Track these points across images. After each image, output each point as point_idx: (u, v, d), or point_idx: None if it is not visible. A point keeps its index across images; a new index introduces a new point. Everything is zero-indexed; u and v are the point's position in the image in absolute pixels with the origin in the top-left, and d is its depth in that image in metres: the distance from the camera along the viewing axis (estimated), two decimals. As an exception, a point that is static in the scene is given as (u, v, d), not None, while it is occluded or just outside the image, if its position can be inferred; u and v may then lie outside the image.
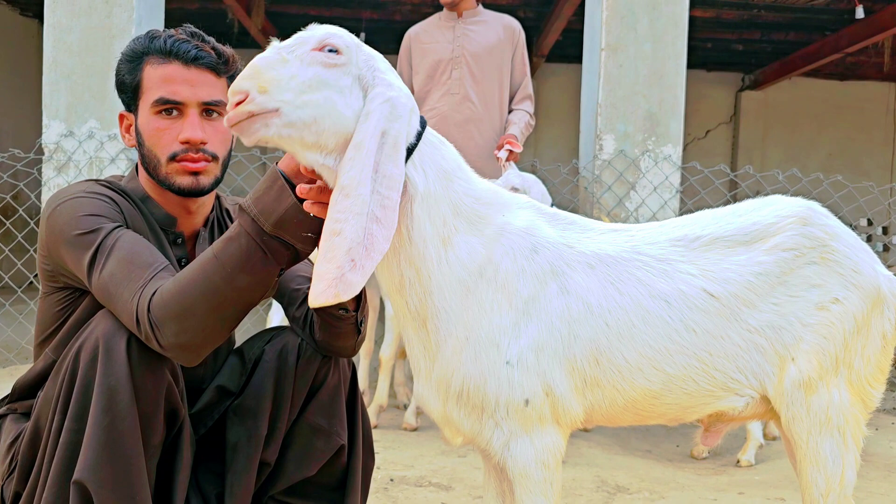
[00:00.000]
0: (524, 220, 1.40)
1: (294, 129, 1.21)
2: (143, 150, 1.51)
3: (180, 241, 1.56)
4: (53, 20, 4.03)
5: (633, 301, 1.41)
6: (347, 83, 1.23)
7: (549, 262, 1.38)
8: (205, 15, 7.51)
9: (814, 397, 1.44)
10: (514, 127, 3.57)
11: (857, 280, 1.46)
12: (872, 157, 9.21)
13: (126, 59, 1.51)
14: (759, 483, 2.79)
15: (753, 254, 1.46)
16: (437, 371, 1.38)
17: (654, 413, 1.48)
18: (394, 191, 1.20)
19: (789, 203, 1.52)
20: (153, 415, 1.34)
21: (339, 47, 1.23)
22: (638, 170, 4.04)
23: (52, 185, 4.03)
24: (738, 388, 1.46)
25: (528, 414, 1.35)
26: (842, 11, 6.71)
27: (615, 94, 4.05)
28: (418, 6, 7.15)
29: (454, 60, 3.57)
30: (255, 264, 1.28)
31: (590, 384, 1.40)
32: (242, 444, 1.53)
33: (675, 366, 1.42)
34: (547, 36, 7.24)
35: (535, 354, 1.35)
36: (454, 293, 1.33)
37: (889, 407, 3.97)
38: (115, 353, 1.30)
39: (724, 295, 1.44)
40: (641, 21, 4.06)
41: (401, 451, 2.95)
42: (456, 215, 1.33)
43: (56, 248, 1.42)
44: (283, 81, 1.20)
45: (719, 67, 9.07)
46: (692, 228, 1.49)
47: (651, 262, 1.44)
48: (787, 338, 1.44)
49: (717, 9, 6.93)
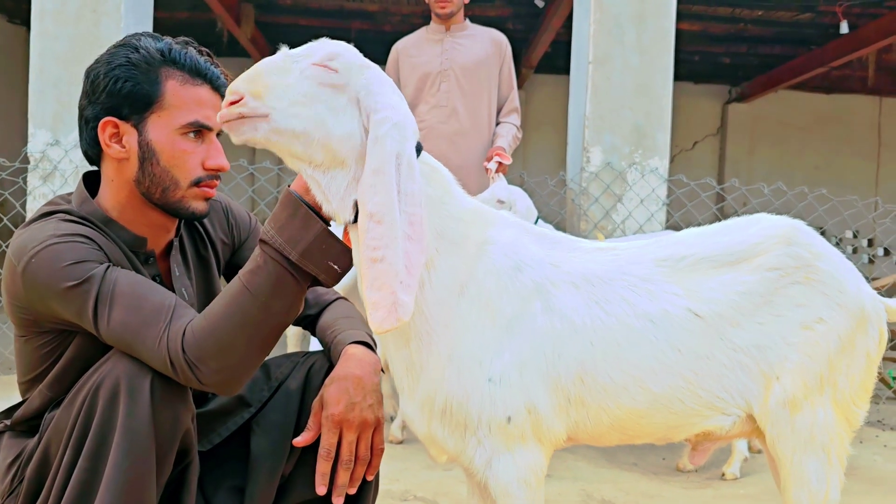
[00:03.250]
0: (508, 238, 1.40)
1: (282, 137, 1.23)
2: (154, 169, 1.41)
3: (151, 261, 1.50)
4: (40, 28, 4.02)
5: (618, 321, 1.40)
6: (342, 103, 1.25)
7: (534, 281, 1.38)
8: (194, 24, 7.50)
9: (798, 416, 1.43)
10: (501, 139, 3.59)
11: (841, 300, 1.46)
12: (858, 169, 9.29)
13: (142, 67, 1.39)
14: (744, 496, 2.80)
15: (738, 273, 1.45)
16: (421, 390, 1.37)
17: (640, 432, 1.47)
18: (417, 206, 1.23)
19: (774, 222, 1.52)
20: (167, 456, 1.32)
21: (338, 67, 1.24)
22: (625, 182, 4.06)
23: (38, 195, 4.01)
24: (724, 407, 1.45)
25: (510, 431, 1.35)
26: (827, 26, 6.78)
27: (602, 106, 4.07)
28: (408, 17, 7.18)
29: (443, 73, 3.59)
30: (288, 287, 1.27)
31: (574, 403, 1.40)
32: (266, 455, 1.53)
33: (660, 385, 1.42)
34: (535, 48, 7.28)
35: (517, 372, 1.34)
36: (437, 313, 1.34)
37: (874, 420, 4.00)
38: (139, 395, 1.27)
39: (710, 314, 1.43)
40: (629, 34, 4.09)
41: (386, 464, 2.94)
42: (440, 237, 1.34)
43: (43, 303, 1.33)
44: (278, 89, 1.22)
45: (707, 80, 9.14)
46: (677, 248, 1.49)
47: (636, 281, 1.44)
48: (772, 357, 1.44)
49: (704, 22, 6.99)
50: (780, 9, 6.59)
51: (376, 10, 7.12)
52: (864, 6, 6.30)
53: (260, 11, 7.11)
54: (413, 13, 7.07)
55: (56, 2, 4.00)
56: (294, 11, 7.19)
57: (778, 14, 6.74)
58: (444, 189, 1.38)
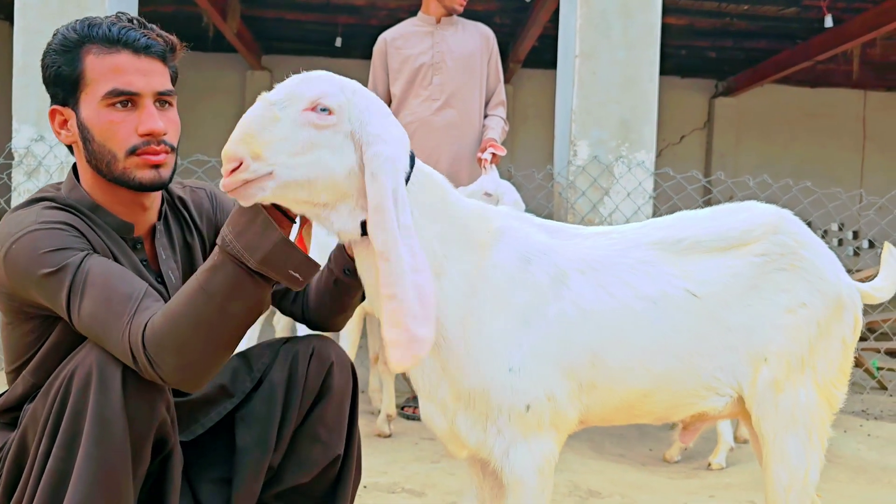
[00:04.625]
0: (512, 232, 1.44)
1: (288, 189, 1.23)
2: (92, 147, 1.40)
3: (140, 247, 1.50)
4: (23, 24, 3.98)
5: (622, 304, 1.45)
6: (339, 141, 1.25)
7: (542, 271, 1.42)
8: (179, 19, 7.45)
9: (781, 396, 1.50)
10: (492, 131, 3.61)
11: (821, 287, 1.53)
12: (843, 162, 9.36)
13: (60, 50, 1.39)
14: (730, 486, 2.83)
15: (728, 258, 1.52)
16: (443, 389, 1.41)
17: (643, 411, 1.53)
18: (414, 238, 1.24)
19: (763, 210, 1.58)
20: (143, 446, 1.31)
21: (331, 107, 1.24)
22: (612, 176, 4.08)
23: (22, 191, 3.98)
24: (718, 387, 1.52)
25: (529, 420, 1.39)
26: (812, 20, 6.82)
27: (589, 100, 4.09)
28: (395, 11, 7.16)
29: (434, 66, 3.59)
30: (246, 290, 1.26)
31: (586, 387, 1.44)
32: (252, 448, 1.53)
33: (662, 364, 1.47)
34: (523, 42, 7.28)
35: (535, 360, 1.39)
36: (451, 317, 1.37)
37: (858, 410, 4.04)
38: (111, 383, 1.26)
39: (705, 295, 1.49)
40: (615, 28, 4.10)
41: (374, 457, 2.95)
42: (445, 245, 1.37)
43: (24, 289, 1.34)
44: (276, 144, 1.21)
45: (693, 74, 9.17)
46: (672, 231, 1.54)
47: (636, 264, 1.49)
48: (760, 338, 1.50)
49: (690, 17, 7.01)
50: (766, 3, 6.63)
51: (363, 4, 7.09)
52: (848, 1, 6.35)
53: (246, 6, 7.07)
54: (400, 7, 7.05)
55: (39, -4, 3.96)
56: (280, 6, 7.16)
57: (763, 9, 6.77)
58: (441, 196, 1.39)
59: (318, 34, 7.95)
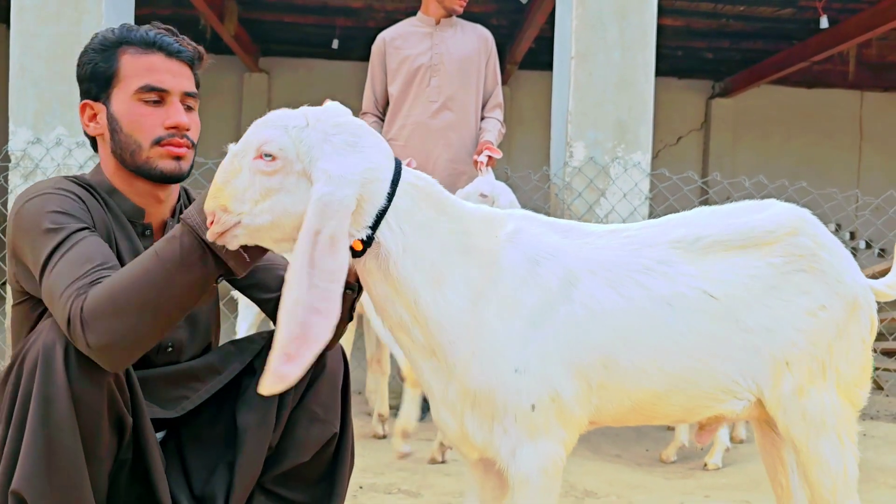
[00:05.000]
0: (521, 233, 1.43)
1: (259, 232, 1.29)
2: (120, 137, 1.52)
3: (148, 233, 1.58)
4: (20, 26, 3.99)
5: (635, 304, 1.44)
6: (293, 182, 1.28)
7: (551, 272, 1.41)
8: (177, 21, 7.43)
9: (807, 402, 1.50)
10: (488, 134, 3.62)
11: (839, 289, 1.52)
12: (840, 162, 9.39)
13: (98, 49, 1.53)
14: (726, 486, 2.83)
15: (748, 258, 1.50)
16: (452, 393, 1.41)
17: (659, 413, 1.52)
18: (334, 282, 1.22)
19: (783, 210, 1.57)
20: (95, 425, 1.33)
21: (273, 153, 1.26)
22: (608, 177, 4.09)
23: (19, 193, 3.98)
24: (737, 391, 1.50)
25: (534, 420, 1.38)
26: (808, 21, 6.84)
27: (585, 101, 4.10)
28: (392, 13, 7.17)
29: (433, 68, 3.60)
30: (195, 262, 1.30)
31: (597, 388, 1.43)
32: (253, 427, 1.57)
33: (678, 367, 1.46)
34: (520, 43, 7.30)
35: (541, 361, 1.38)
36: (456, 324, 1.37)
37: (874, 412, 4.05)
38: (53, 363, 1.29)
39: (724, 296, 1.47)
40: (611, 30, 4.11)
41: (371, 458, 2.95)
42: (445, 254, 1.37)
43: (20, 246, 1.42)
44: (238, 195, 1.28)
45: (690, 75, 9.20)
46: (691, 229, 1.53)
47: (652, 264, 1.47)
48: (781, 340, 1.49)
49: (687, 17, 7.04)
50: (762, 4, 6.65)
51: (360, 6, 7.11)
52: (844, 2, 6.37)
53: (244, 8, 7.09)
54: (397, 9, 7.06)
55: (36, -1, 3.97)
56: (278, 8, 7.17)
57: (760, 9, 6.79)
58: (437, 206, 1.38)
59: (316, 36, 7.97)
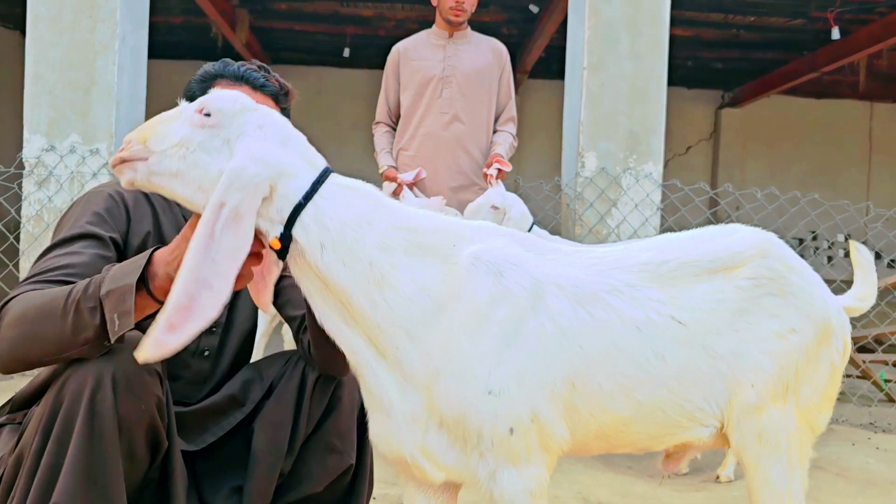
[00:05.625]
0: (485, 244, 1.36)
1: (161, 178, 1.28)
2: None
3: None
4: (36, 35, 4.02)
5: (604, 325, 1.38)
6: (217, 144, 1.28)
7: (517, 282, 1.34)
8: (189, 29, 7.51)
9: (765, 421, 1.46)
10: (499, 147, 3.62)
11: (810, 312, 1.49)
12: (849, 173, 9.36)
13: (199, 80, 1.68)
14: (738, 499, 2.82)
15: (716, 282, 1.46)
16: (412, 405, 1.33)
17: (623, 441, 1.46)
18: (231, 260, 1.20)
19: (750, 234, 1.54)
20: (134, 443, 1.35)
21: (211, 110, 1.29)
22: (619, 187, 4.09)
23: (33, 200, 4.01)
24: (703, 417, 1.46)
25: (513, 444, 1.31)
26: (818, 32, 6.84)
27: (597, 112, 4.10)
28: (402, 22, 7.20)
29: (445, 80, 3.62)
30: (84, 310, 1.27)
31: (567, 410, 1.36)
32: (265, 452, 1.59)
33: (646, 394, 1.41)
34: (530, 53, 7.32)
35: (517, 381, 1.30)
36: (404, 331, 1.30)
37: (866, 422, 4.03)
38: (103, 381, 1.31)
39: (692, 322, 1.43)
40: (623, 41, 4.12)
41: (384, 468, 2.95)
42: (388, 252, 1.30)
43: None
44: (160, 136, 1.29)
45: (699, 85, 9.19)
46: (657, 253, 1.48)
47: (620, 286, 1.42)
48: (748, 364, 1.45)
49: (697, 28, 7.04)
50: (773, 15, 6.65)
51: (371, 14, 7.14)
52: (855, 13, 6.36)
53: (255, 17, 7.12)
54: (408, 18, 7.09)
55: (52, 8, 4.00)
56: (289, 16, 7.21)
57: (770, 20, 6.80)
58: (372, 205, 1.33)
59: (327, 45, 8.00)
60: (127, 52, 4.07)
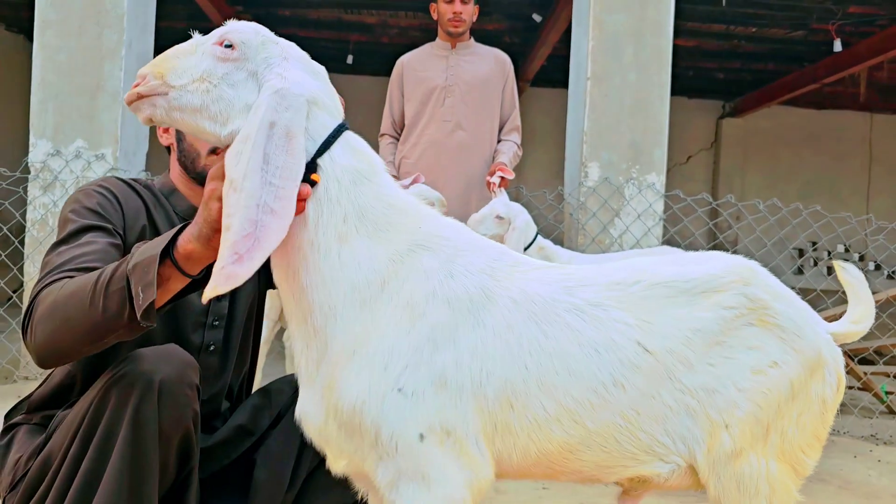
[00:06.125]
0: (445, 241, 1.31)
1: (183, 113, 1.24)
2: (183, 145, 1.63)
3: None
4: (43, 40, 4.04)
5: (558, 345, 1.29)
6: (241, 77, 1.25)
7: (466, 290, 1.27)
8: (192, 34, 7.52)
9: (744, 469, 1.34)
10: (503, 156, 3.64)
11: (797, 344, 1.37)
12: (849, 184, 9.39)
13: None
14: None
15: (693, 309, 1.36)
16: (320, 378, 1.26)
17: (567, 469, 1.35)
18: (289, 180, 1.16)
19: (731, 261, 1.44)
20: (169, 458, 1.36)
21: (234, 42, 1.25)
22: (622, 197, 4.11)
23: (38, 205, 4.02)
24: (663, 453, 1.35)
25: (425, 453, 1.21)
26: (819, 43, 6.87)
27: (600, 122, 4.12)
28: (406, 29, 7.22)
29: (447, 89, 3.65)
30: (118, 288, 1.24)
31: (500, 430, 1.27)
32: (267, 484, 1.56)
33: (597, 422, 1.30)
34: (532, 61, 7.34)
35: (434, 387, 1.22)
36: (342, 296, 1.24)
37: (867, 435, 4.03)
38: (149, 394, 1.32)
39: (660, 350, 1.32)
40: (626, 51, 4.14)
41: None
42: (360, 217, 1.26)
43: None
44: (179, 70, 1.25)
45: (700, 95, 9.22)
46: (632, 273, 1.39)
47: (584, 305, 1.33)
48: (721, 402, 1.34)
49: (698, 38, 7.07)
50: (774, 26, 6.68)
51: (374, 22, 7.16)
52: (855, 25, 6.39)
53: (259, 23, 7.12)
54: (411, 25, 7.12)
55: (58, 13, 4.02)
56: (292, 23, 7.23)
57: (771, 31, 6.83)
58: (373, 169, 1.30)
59: (330, 51, 8.02)
60: (133, 58, 4.09)
